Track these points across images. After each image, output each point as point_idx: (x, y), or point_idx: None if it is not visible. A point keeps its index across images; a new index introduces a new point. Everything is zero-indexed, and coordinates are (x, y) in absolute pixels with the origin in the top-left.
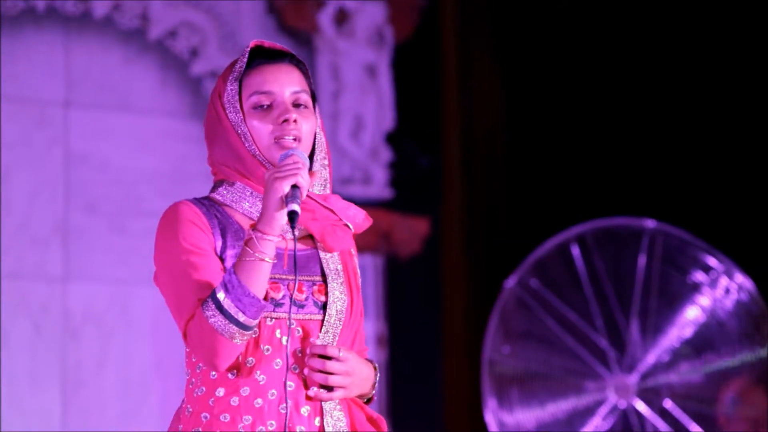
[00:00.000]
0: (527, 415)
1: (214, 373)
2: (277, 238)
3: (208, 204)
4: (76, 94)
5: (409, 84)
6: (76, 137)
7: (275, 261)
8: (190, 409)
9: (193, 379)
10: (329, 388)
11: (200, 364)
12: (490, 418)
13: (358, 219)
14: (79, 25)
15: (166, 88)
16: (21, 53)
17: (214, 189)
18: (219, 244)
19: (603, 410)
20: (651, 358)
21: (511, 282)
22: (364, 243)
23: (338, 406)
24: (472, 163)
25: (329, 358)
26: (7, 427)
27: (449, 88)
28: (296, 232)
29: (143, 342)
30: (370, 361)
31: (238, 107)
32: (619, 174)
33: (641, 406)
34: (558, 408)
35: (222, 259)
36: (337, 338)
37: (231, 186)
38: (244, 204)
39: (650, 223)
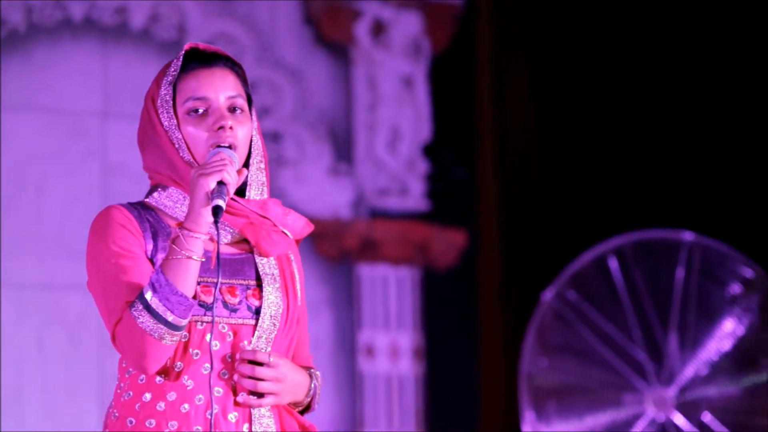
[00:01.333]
0: (565, 429)
1: (142, 377)
2: (205, 236)
3: (140, 208)
4: (113, 105)
5: (446, 95)
6: (113, 148)
7: (203, 259)
8: (117, 414)
9: (122, 384)
10: (259, 395)
11: (130, 369)
12: (528, 431)
13: (297, 226)
14: (117, 36)
15: None
16: (58, 64)
17: (148, 194)
18: (150, 247)
19: (641, 424)
20: (689, 371)
21: (548, 294)
22: (400, 255)
23: (268, 413)
24: (508, 174)
25: (260, 364)
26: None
27: (485, 99)
28: (229, 236)
29: None
30: (308, 368)
31: (172, 112)
32: (657, 185)
33: (679, 420)
34: (596, 421)
35: (152, 263)
36: (270, 344)
37: (164, 191)
38: (177, 210)
39: (688, 236)
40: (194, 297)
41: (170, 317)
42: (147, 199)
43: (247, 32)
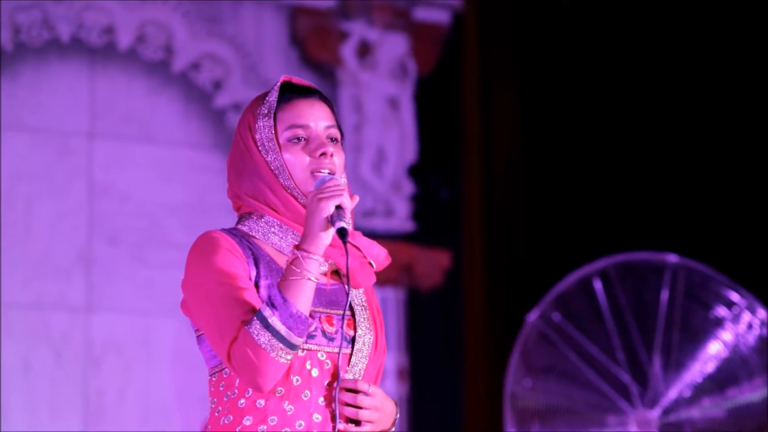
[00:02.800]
0: None
1: (242, 401)
2: (321, 258)
3: (239, 234)
4: (100, 125)
5: (432, 116)
6: (100, 168)
7: (319, 282)
8: None
9: (220, 407)
10: (357, 423)
11: (228, 393)
12: None
13: (381, 257)
14: (104, 56)
15: (189, 120)
16: (45, 84)
17: (240, 221)
18: (253, 273)
19: None
20: (673, 393)
21: (533, 316)
22: (385, 275)
23: None
24: (494, 196)
25: (358, 392)
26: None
27: (470, 120)
28: (326, 266)
29: (164, 372)
30: (391, 399)
31: (274, 141)
32: (642, 208)
33: None
34: None
35: (257, 288)
36: (362, 372)
37: (259, 219)
38: (273, 237)
39: (672, 258)
40: None
41: (289, 336)
42: (240, 226)
43: (233, 53)
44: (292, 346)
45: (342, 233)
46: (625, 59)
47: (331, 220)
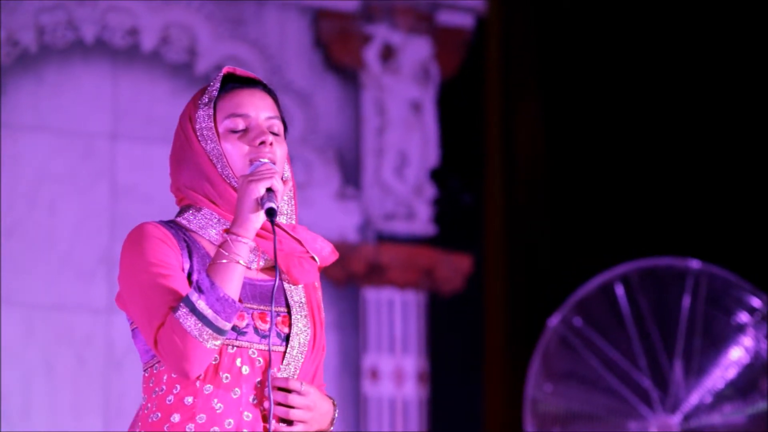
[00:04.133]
0: None
1: (170, 397)
2: (251, 242)
3: (175, 227)
4: (123, 127)
5: (454, 120)
6: (123, 170)
7: (252, 277)
8: None
9: (149, 404)
10: (289, 422)
11: (156, 389)
12: None
13: (325, 252)
14: (127, 58)
15: None
16: (69, 85)
17: (179, 214)
18: (186, 265)
19: None
20: (694, 398)
21: (554, 320)
22: (406, 279)
23: None
24: (516, 200)
25: (290, 391)
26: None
27: (493, 124)
28: (262, 261)
29: None
30: (330, 397)
31: (213, 130)
32: (664, 213)
33: None
34: None
35: (189, 281)
36: (298, 371)
37: (198, 212)
38: (210, 231)
39: (695, 264)
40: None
41: (216, 320)
42: (178, 219)
43: (257, 55)
44: (219, 331)
45: (270, 212)
46: (649, 63)
47: (260, 202)
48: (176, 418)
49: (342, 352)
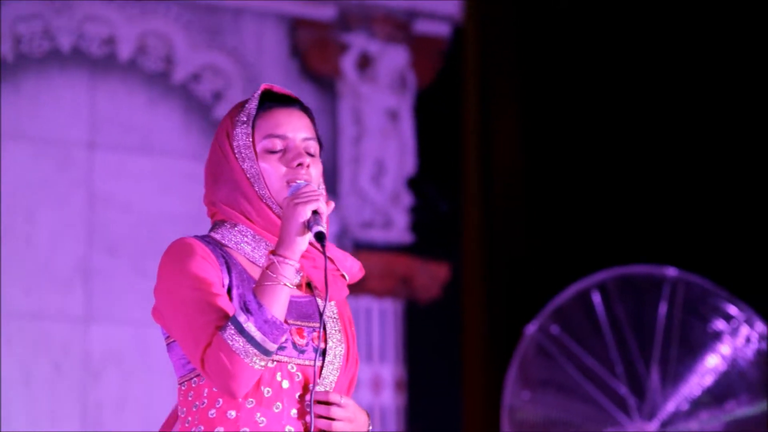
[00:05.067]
0: None
1: (212, 411)
2: (297, 264)
3: (212, 242)
4: (100, 136)
5: (431, 128)
6: (100, 179)
7: (294, 288)
8: None
9: (189, 417)
10: None
11: (197, 403)
12: None
13: (354, 269)
14: (104, 67)
15: (189, 131)
16: (46, 94)
17: (213, 229)
18: (226, 280)
19: None
20: (671, 406)
21: (531, 328)
22: (383, 287)
23: None
24: (493, 208)
25: (331, 404)
26: None
27: (470, 133)
28: (297, 279)
29: (163, 383)
30: (364, 410)
31: (251, 149)
32: (641, 221)
33: None
34: None
35: (229, 296)
36: (333, 384)
37: (233, 228)
38: (245, 247)
39: (671, 272)
40: None
41: (263, 341)
42: (213, 234)
43: (234, 64)
44: (266, 352)
45: (320, 237)
46: (624, 76)
47: (307, 225)
48: (220, 431)
49: None
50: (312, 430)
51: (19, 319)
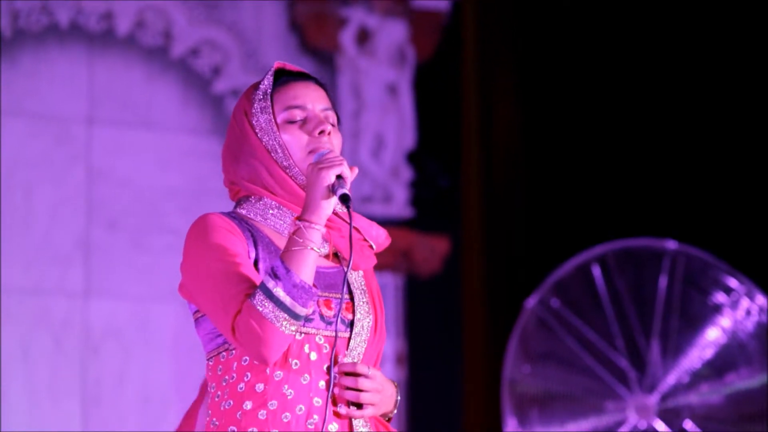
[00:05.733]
0: None
1: (241, 385)
2: (323, 228)
3: (237, 217)
4: (99, 111)
5: (430, 103)
6: (98, 154)
7: (322, 253)
8: (216, 422)
9: (219, 392)
10: (359, 406)
11: (226, 377)
12: None
13: (381, 238)
14: (102, 42)
15: (187, 106)
16: (44, 70)
17: (238, 205)
18: (252, 253)
19: (623, 430)
20: (671, 378)
21: (531, 302)
22: (383, 261)
23: (367, 424)
24: (492, 182)
25: (358, 375)
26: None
27: (469, 107)
28: (325, 248)
29: (163, 358)
30: (391, 381)
31: (273, 123)
32: (641, 194)
33: (661, 427)
34: (578, 428)
35: (256, 269)
36: (361, 356)
37: (257, 201)
38: (271, 219)
39: (671, 244)
40: None
41: (293, 305)
42: (238, 210)
43: (232, 38)
44: (296, 317)
45: (345, 199)
46: (623, 44)
47: (332, 189)
48: (248, 405)
49: None
50: (327, 400)
51: (19, 294)
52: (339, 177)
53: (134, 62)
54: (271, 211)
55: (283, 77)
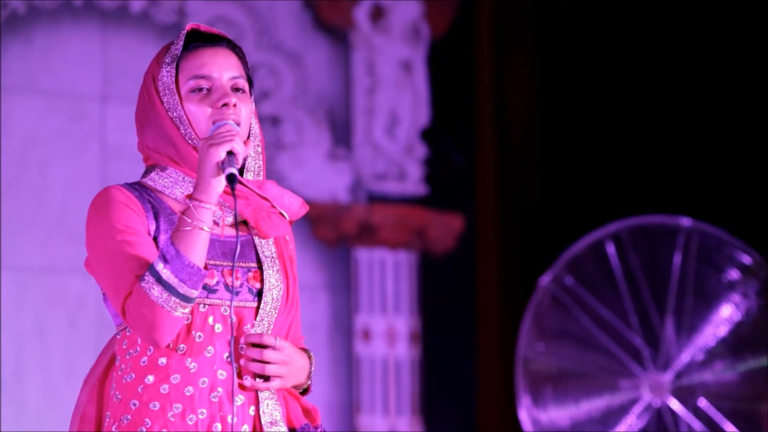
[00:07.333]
0: (561, 414)
1: (144, 359)
2: (215, 207)
3: (140, 189)
4: (113, 89)
5: (445, 80)
6: (113, 131)
7: (213, 231)
8: (119, 396)
9: (123, 365)
10: (265, 378)
11: (130, 351)
12: (524, 416)
13: (294, 207)
14: (117, 19)
15: None
16: (58, 47)
17: (145, 174)
18: (152, 227)
19: (637, 409)
20: (686, 356)
21: (545, 279)
22: (397, 239)
23: (273, 396)
24: (507, 159)
25: (265, 347)
26: (42, 421)
27: (484, 84)
28: (230, 217)
29: None
30: (306, 350)
31: (175, 91)
32: (655, 171)
33: (675, 405)
34: (592, 406)
35: (156, 243)
36: (272, 327)
37: (163, 171)
38: (176, 190)
39: (686, 222)
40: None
41: (182, 288)
42: (144, 180)
43: (246, 15)
44: (186, 299)
45: (231, 179)
46: (641, 25)
47: (221, 167)
48: (150, 378)
49: (334, 312)
50: (233, 373)
51: (34, 272)
52: (230, 153)
53: (148, 39)
54: (175, 183)
55: (194, 42)
